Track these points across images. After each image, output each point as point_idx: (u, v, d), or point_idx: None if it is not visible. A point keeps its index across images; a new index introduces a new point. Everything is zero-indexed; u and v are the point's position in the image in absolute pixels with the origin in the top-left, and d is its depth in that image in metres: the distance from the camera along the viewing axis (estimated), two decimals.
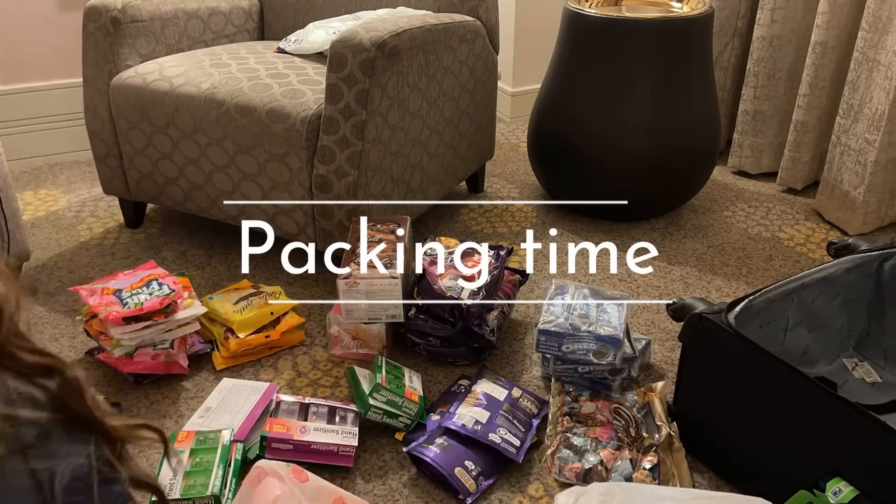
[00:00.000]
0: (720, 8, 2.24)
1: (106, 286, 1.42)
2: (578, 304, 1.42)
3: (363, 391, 1.30)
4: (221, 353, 1.48)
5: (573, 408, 1.32)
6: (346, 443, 1.22)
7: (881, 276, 1.40)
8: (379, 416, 1.29)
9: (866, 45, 1.85)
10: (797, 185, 2.20)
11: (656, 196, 1.99)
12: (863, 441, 0.99)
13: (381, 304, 1.42)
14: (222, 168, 1.69)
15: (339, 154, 1.56)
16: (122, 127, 1.79)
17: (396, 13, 1.84)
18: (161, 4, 1.87)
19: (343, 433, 1.24)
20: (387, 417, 1.29)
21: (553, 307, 1.41)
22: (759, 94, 2.21)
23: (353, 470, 1.24)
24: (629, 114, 1.87)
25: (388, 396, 1.28)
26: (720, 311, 1.18)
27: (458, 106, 1.88)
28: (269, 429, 1.21)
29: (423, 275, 1.49)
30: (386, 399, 1.28)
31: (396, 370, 1.37)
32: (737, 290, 1.74)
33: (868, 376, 1.40)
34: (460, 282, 1.46)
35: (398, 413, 1.29)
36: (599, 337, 1.33)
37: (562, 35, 1.94)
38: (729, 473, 1.22)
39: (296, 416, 1.25)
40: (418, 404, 1.31)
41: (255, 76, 1.67)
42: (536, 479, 1.23)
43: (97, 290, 1.40)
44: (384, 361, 1.38)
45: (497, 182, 2.29)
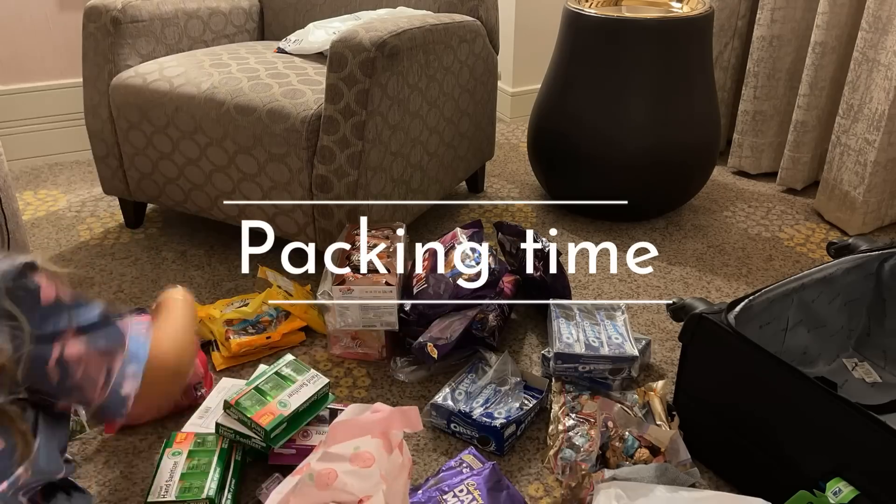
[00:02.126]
0: (720, 8, 2.24)
1: None
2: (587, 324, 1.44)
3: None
4: (222, 353, 1.48)
5: (574, 407, 1.32)
6: None
7: (881, 276, 1.40)
8: (231, 436, 1.18)
9: (866, 45, 1.85)
10: (797, 186, 2.20)
11: (656, 196, 1.99)
12: (863, 441, 0.99)
13: (376, 311, 1.42)
14: (222, 168, 1.69)
15: (339, 154, 1.56)
16: (122, 127, 1.79)
17: (396, 13, 1.84)
18: (161, 4, 1.87)
19: None
20: (241, 438, 1.18)
21: (562, 328, 1.43)
22: (759, 94, 2.21)
23: None
24: (629, 114, 1.87)
25: (237, 415, 1.18)
26: (720, 311, 1.18)
27: (458, 106, 1.88)
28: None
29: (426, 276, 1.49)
30: (236, 417, 1.18)
31: (277, 380, 1.24)
32: (737, 290, 1.74)
33: (868, 376, 1.40)
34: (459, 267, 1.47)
35: (249, 434, 1.17)
36: (615, 358, 1.36)
37: (562, 35, 1.94)
38: (729, 473, 1.22)
39: None
40: (264, 429, 1.14)
41: (255, 76, 1.67)
42: (536, 479, 1.23)
43: None
44: (265, 371, 1.26)
45: (497, 182, 2.29)
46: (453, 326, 1.39)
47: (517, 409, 1.29)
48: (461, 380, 1.37)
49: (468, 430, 1.27)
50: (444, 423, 1.30)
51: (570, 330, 1.43)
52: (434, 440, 1.30)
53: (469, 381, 1.37)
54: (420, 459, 1.26)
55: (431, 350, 1.37)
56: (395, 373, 1.44)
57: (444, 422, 1.30)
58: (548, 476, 1.23)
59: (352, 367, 1.48)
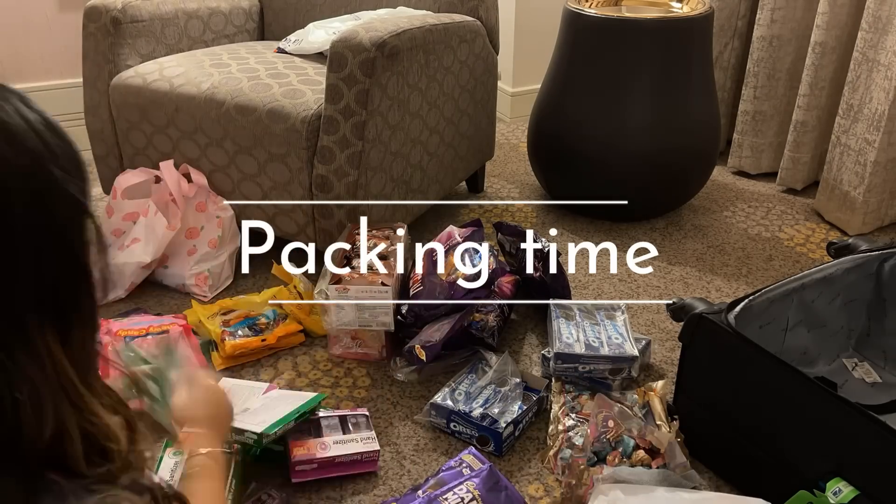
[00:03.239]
0: (720, 8, 2.24)
1: (123, 328, 1.42)
2: (587, 324, 1.44)
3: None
4: (220, 354, 1.48)
5: (574, 407, 1.32)
6: (369, 448, 1.23)
7: (881, 276, 1.40)
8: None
9: (866, 45, 1.85)
10: (797, 186, 2.20)
11: (656, 196, 1.99)
12: (863, 441, 0.99)
13: (372, 312, 1.42)
14: (222, 168, 1.69)
15: (339, 154, 1.56)
16: (122, 127, 1.79)
17: (396, 13, 1.84)
18: (161, 4, 1.87)
19: (362, 440, 1.24)
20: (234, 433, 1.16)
21: (562, 328, 1.43)
22: (758, 94, 2.21)
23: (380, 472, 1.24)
24: (629, 114, 1.87)
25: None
26: (720, 311, 1.18)
27: (458, 106, 1.88)
28: (292, 453, 1.19)
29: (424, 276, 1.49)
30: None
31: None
32: (737, 290, 1.74)
33: (868, 376, 1.40)
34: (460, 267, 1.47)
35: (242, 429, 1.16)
36: (615, 358, 1.35)
37: (562, 35, 1.94)
38: (729, 473, 1.22)
39: (311, 434, 1.24)
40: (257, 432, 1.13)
41: (255, 76, 1.67)
42: (536, 479, 1.23)
43: (113, 330, 1.41)
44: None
45: (497, 182, 2.29)
46: (442, 329, 1.40)
47: (516, 410, 1.29)
48: (461, 380, 1.37)
49: (468, 429, 1.28)
50: (444, 422, 1.30)
51: (570, 330, 1.43)
52: (434, 440, 1.30)
53: (469, 382, 1.37)
54: (420, 459, 1.26)
55: (420, 352, 1.37)
56: (395, 373, 1.44)
57: (443, 421, 1.30)
58: (547, 476, 1.23)
59: (352, 367, 1.48)
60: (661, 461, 1.17)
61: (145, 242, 1.65)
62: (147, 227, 1.66)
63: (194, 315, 1.52)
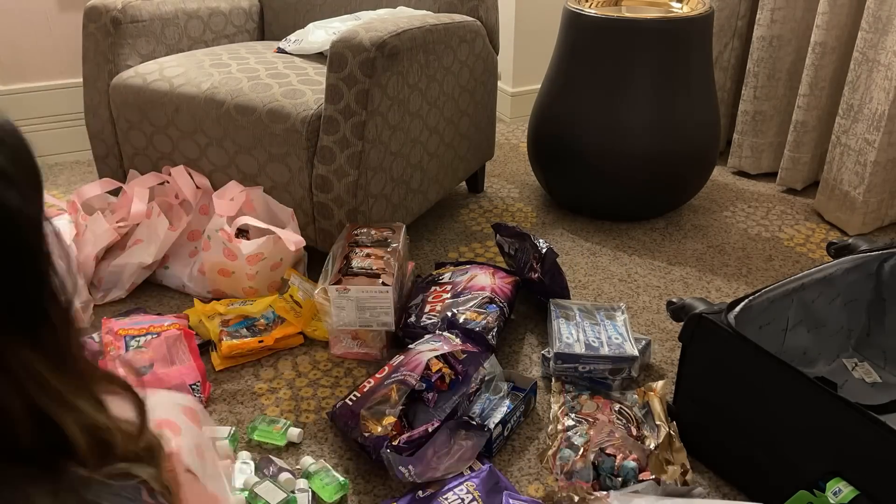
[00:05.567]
0: (720, 8, 2.24)
1: (124, 327, 1.42)
2: (587, 324, 1.44)
3: None
4: (218, 354, 1.47)
5: (573, 407, 1.32)
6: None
7: (881, 276, 1.40)
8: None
9: (866, 45, 1.85)
10: (797, 186, 2.20)
11: (656, 196, 1.99)
12: (863, 441, 0.99)
13: (372, 311, 1.42)
14: (222, 168, 1.69)
15: (339, 154, 1.56)
16: (122, 127, 1.79)
17: (396, 13, 1.84)
18: (161, 4, 1.87)
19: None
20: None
21: (562, 328, 1.43)
22: (758, 94, 2.21)
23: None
24: (629, 114, 1.87)
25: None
26: (720, 311, 1.18)
27: (458, 106, 1.88)
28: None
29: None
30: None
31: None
32: (737, 290, 1.74)
33: (868, 376, 1.40)
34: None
35: None
36: (615, 358, 1.36)
37: (562, 35, 1.94)
38: (729, 473, 1.22)
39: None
40: None
41: (255, 76, 1.67)
42: (536, 479, 1.23)
43: (114, 329, 1.41)
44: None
45: (497, 182, 2.29)
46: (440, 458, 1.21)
47: (504, 410, 1.29)
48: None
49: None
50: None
51: (570, 330, 1.43)
52: None
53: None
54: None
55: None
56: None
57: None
58: (547, 476, 1.23)
59: (352, 366, 1.48)
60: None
61: (147, 243, 1.65)
62: (149, 228, 1.66)
63: (195, 314, 1.52)
